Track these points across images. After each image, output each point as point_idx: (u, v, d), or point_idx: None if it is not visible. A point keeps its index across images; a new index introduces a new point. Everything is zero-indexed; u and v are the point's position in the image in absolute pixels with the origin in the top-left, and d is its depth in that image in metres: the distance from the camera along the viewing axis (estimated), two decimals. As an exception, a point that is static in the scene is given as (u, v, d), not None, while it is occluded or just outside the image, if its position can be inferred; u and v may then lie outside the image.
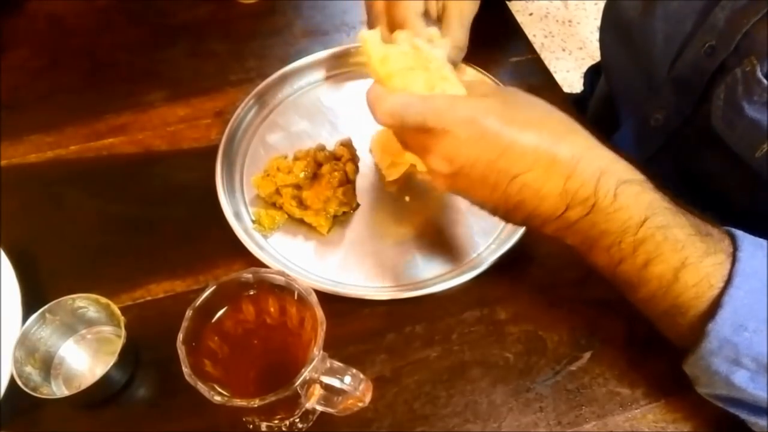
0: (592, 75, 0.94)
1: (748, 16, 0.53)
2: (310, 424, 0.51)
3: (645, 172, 0.48)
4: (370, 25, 0.62)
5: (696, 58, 0.58)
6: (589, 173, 0.46)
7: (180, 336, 0.43)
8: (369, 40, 0.52)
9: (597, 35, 0.77)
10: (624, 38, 0.68)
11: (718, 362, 0.44)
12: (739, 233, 0.46)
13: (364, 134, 0.68)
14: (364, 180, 0.65)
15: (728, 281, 0.43)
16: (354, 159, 0.65)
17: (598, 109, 0.85)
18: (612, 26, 0.72)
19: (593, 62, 0.95)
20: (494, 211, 0.50)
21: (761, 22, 0.53)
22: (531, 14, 1.98)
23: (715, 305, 0.43)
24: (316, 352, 0.43)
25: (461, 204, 0.62)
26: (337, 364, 0.46)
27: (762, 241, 0.46)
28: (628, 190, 0.46)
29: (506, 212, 0.49)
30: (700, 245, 0.45)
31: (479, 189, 0.49)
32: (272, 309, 0.48)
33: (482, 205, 0.51)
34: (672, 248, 0.44)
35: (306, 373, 0.42)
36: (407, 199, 0.64)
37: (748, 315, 0.43)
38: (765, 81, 0.52)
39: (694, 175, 0.65)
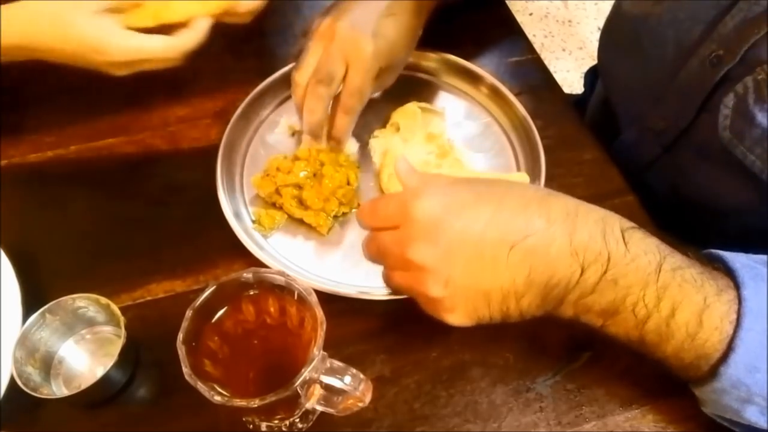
0: (592, 76, 0.94)
1: (759, 26, 0.53)
2: (310, 424, 0.51)
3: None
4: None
5: (701, 67, 0.58)
6: (591, 225, 0.44)
7: (180, 336, 0.43)
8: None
9: (597, 35, 0.77)
10: (630, 46, 0.68)
11: (729, 399, 0.43)
12: (736, 265, 0.44)
13: (365, 135, 0.68)
14: (364, 181, 0.65)
15: (738, 323, 0.42)
16: (356, 162, 0.65)
17: (596, 113, 0.85)
18: (616, 33, 0.72)
19: (593, 62, 0.95)
20: (505, 305, 0.45)
21: None
22: (531, 14, 1.98)
23: (728, 348, 0.42)
24: (316, 352, 0.43)
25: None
26: (337, 364, 0.46)
27: (758, 270, 0.44)
28: (634, 237, 0.44)
29: (518, 297, 0.45)
30: (712, 283, 0.44)
31: (478, 271, 0.44)
32: (272, 309, 0.48)
33: (490, 303, 0.45)
34: (693, 289, 0.43)
35: (306, 373, 0.42)
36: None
37: (760, 355, 0.42)
38: None
39: (689, 188, 0.65)
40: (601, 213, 0.45)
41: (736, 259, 0.45)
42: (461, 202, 0.45)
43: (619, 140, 0.72)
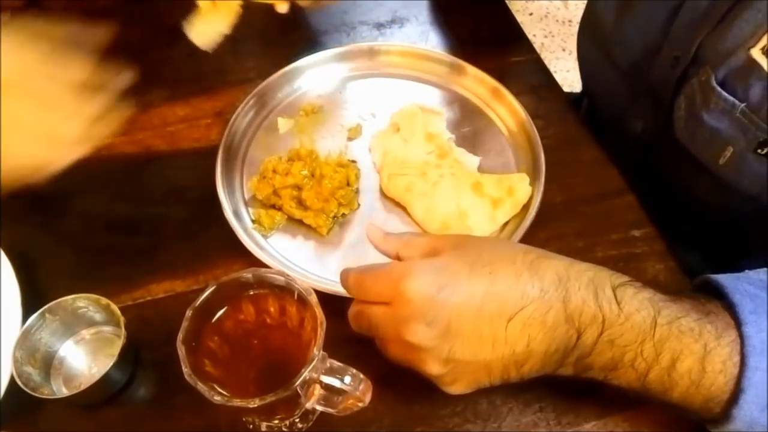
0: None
1: (701, 28, 0.54)
2: (310, 424, 0.51)
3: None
4: None
5: (664, 68, 0.59)
6: (583, 289, 0.44)
7: (180, 336, 0.43)
8: None
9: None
10: (604, 47, 0.68)
11: None
12: (736, 297, 0.44)
13: (365, 135, 0.68)
14: (364, 181, 0.65)
15: (743, 363, 0.42)
16: (356, 163, 0.65)
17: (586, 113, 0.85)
18: (591, 35, 0.72)
19: (593, 62, 0.95)
20: (506, 374, 0.46)
21: (714, 33, 0.53)
22: (531, 14, 1.98)
23: (737, 389, 0.42)
24: (316, 352, 0.43)
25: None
26: (337, 364, 0.46)
27: (761, 299, 0.44)
28: (626, 294, 0.44)
29: (519, 366, 0.45)
30: (710, 327, 0.43)
31: (477, 346, 0.44)
32: (272, 309, 0.48)
33: (491, 374, 0.45)
34: (691, 339, 0.43)
35: (306, 373, 0.42)
36: (407, 199, 0.64)
37: None
38: (719, 89, 0.52)
39: (671, 186, 0.65)
40: (591, 272, 0.45)
41: (736, 288, 0.44)
42: (454, 277, 0.44)
43: (601, 141, 0.72)
